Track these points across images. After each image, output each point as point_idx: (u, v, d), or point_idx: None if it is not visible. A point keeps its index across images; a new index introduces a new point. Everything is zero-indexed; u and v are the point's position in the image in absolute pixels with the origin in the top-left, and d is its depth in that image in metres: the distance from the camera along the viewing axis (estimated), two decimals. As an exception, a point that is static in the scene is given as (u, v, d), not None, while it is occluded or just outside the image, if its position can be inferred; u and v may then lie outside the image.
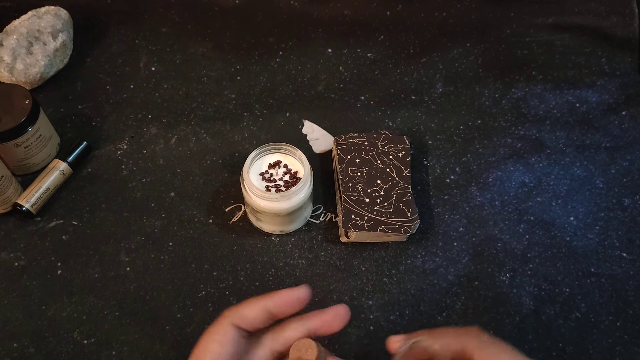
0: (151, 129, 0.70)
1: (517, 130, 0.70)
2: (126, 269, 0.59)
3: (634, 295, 0.57)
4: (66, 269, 0.59)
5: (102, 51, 0.77)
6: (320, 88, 0.74)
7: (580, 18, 0.80)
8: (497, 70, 0.75)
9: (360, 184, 0.61)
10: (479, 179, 0.66)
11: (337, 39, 0.79)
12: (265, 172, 0.59)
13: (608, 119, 0.70)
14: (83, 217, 0.63)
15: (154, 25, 0.80)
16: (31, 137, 0.62)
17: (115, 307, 0.57)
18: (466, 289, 0.58)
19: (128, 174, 0.66)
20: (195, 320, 0.56)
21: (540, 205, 0.63)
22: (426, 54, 0.77)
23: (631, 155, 0.67)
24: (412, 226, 0.58)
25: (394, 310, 0.57)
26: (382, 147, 0.64)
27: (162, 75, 0.75)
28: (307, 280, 0.58)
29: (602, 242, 0.61)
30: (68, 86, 0.74)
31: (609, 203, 0.64)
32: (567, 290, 0.58)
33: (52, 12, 0.75)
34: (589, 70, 0.75)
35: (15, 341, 0.55)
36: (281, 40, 0.79)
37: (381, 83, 0.74)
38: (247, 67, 0.76)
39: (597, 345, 0.54)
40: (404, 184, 0.61)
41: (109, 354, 0.54)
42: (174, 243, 0.61)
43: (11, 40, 0.70)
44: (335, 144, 0.65)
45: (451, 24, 0.80)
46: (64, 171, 0.64)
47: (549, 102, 0.72)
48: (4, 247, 0.60)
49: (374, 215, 0.59)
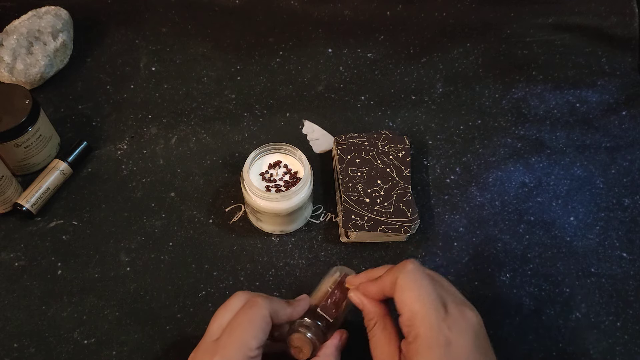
0: (151, 129, 0.70)
1: (517, 130, 0.70)
2: (126, 269, 0.59)
3: (634, 295, 0.57)
4: (66, 269, 0.59)
5: (102, 51, 0.77)
6: (320, 88, 0.74)
7: (580, 18, 0.80)
8: (497, 70, 0.75)
9: (360, 184, 0.61)
10: (479, 179, 0.66)
11: (337, 39, 0.79)
12: (265, 172, 0.59)
13: (608, 119, 0.70)
14: (83, 217, 0.63)
15: (154, 25, 0.80)
16: (31, 137, 0.62)
17: (115, 307, 0.57)
18: (466, 289, 0.58)
19: (128, 174, 0.66)
20: (195, 320, 0.56)
21: (540, 206, 0.63)
22: (426, 54, 0.77)
23: (631, 155, 0.67)
24: (412, 226, 0.58)
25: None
26: (382, 147, 0.64)
27: (162, 75, 0.75)
28: (307, 280, 0.59)
29: (602, 242, 0.61)
30: (68, 86, 0.74)
31: (609, 203, 0.64)
32: (567, 290, 0.58)
33: (52, 12, 0.75)
34: (589, 70, 0.75)
35: (15, 341, 0.55)
36: (281, 40, 0.79)
37: (381, 83, 0.74)
38: (247, 67, 0.76)
39: (597, 345, 0.55)
40: (404, 184, 0.61)
41: (109, 354, 0.54)
42: (174, 243, 0.61)
43: (11, 40, 0.70)
44: (335, 144, 0.65)
45: (451, 24, 0.80)
46: (64, 171, 0.64)
47: (549, 102, 0.72)
48: (4, 247, 0.60)
49: (374, 216, 0.59)
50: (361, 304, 0.47)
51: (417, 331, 0.41)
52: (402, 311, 0.42)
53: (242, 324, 0.44)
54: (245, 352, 0.43)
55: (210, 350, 0.43)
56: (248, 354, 0.43)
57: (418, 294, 0.42)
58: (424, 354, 0.40)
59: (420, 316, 0.41)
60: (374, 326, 0.46)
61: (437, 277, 0.46)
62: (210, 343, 0.44)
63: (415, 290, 0.42)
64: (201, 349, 0.45)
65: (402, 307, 0.42)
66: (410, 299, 0.42)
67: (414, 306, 0.42)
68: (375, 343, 0.45)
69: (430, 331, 0.40)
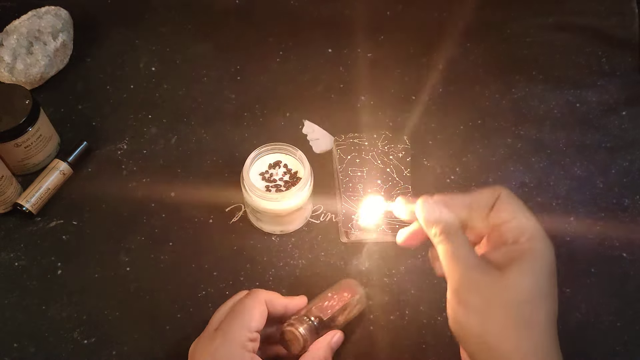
0: (151, 129, 0.70)
1: (517, 130, 0.70)
2: (126, 269, 0.59)
3: (634, 295, 0.57)
4: (66, 269, 0.59)
5: (102, 51, 0.77)
6: (320, 88, 0.74)
7: (580, 18, 0.80)
8: (497, 70, 0.75)
9: (360, 184, 0.61)
10: (479, 179, 0.66)
11: (337, 39, 0.78)
12: (265, 172, 0.59)
13: (608, 119, 0.70)
14: (83, 217, 0.63)
15: (154, 25, 0.80)
16: (31, 137, 0.62)
17: (115, 307, 0.57)
18: (466, 289, 0.58)
19: (128, 174, 0.66)
20: (195, 320, 0.56)
21: (540, 206, 0.63)
22: (426, 54, 0.77)
23: (631, 155, 0.67)
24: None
25: (394, 310, 0.57)
26: (382, 147, 0.64)
27: (162, 75, 0.75)
28: (307, 280, 0.59)
29: (602, 242, 0.61)
30: (68, 86, 0.74)
31: (609, 203, 0.64)
32: (567, 290, 0.58)
33: (52, 12, 0.75)
34: (589, 70, 0.75)
35: (15, 341, 0.55)
36: (281, 40, 0.78)
37: (381, 83, 0.74)
38: (247, 67, 0.76)
39: (597, 345, 0.54)
40: (404, 184, 0.61)
41: (109, 354, 0.54)
42: (174, 243, 0.61)
43: (11, 40, 0.70)
44: (335, 144, 0.65)
45: (451, 24, 0.80)
46: (64, 171, 0.64)
47: (549, 102, 0.72)
48: (4, 247, 0.60)
49: (374, 215, 0.59)
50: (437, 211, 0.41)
51: (532, 244, 0.39)
52: (509, 222, 0.40)
53: (241, 310, 0.47)
54: (244, 333, 0.45)
55: (211, 336, 0.46)
56: (248, 335, 0.45)
57: (528, 212, 0.40)
58: (535, 265, 0.38)
59: (537, 231, 0.39)
60: (448, 233, 0.40)
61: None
62: (211, 332, 0.47)
63: (524, 207, 0.40)
64: (202, 338, 0.47)
65: (510, 217, 0.40)
66: (522, 211, 0.40)
67: (529, 220, 0.40)
68: (456, 247, 0.40)
69: (546, 247, 0.39)
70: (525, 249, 0.39)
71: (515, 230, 0.39)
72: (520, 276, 0.38)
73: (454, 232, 0.40)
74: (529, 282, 0.38)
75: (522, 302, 0.38)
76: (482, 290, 0.38)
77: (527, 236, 0.39)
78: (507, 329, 0.37)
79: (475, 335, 0.38)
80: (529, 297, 0.38)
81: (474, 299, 0.38)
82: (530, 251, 0.39)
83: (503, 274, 0.38)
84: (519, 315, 0.37)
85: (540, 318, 0.38)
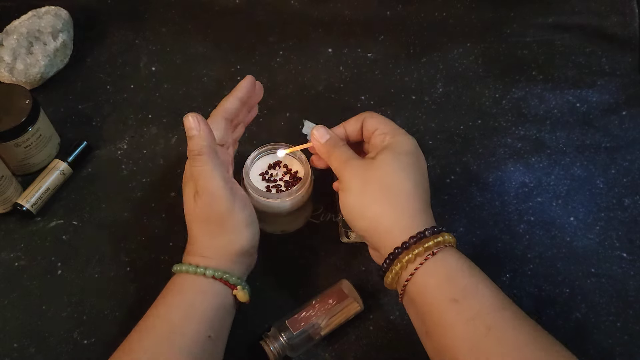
0: (151, 129, 0.70)
1: (517, 130, 0.70)
2: (126, 269, 0.59)
3: (634, 295, 0.57)
4: (66, 269, 0.59)
5: (102, 51, 0.77)
6: (320, 88, 0.74)
7: (580, 18, 0.80)
8: (497, 70, 0.75)
9: (360, 184, 0.61)
10: (479, 179, 0.66)
11: (337, 39, 0.78)
12: (265, 172, 0.59)
13: (608, 119, 0.70)
14: (83, 217, 0.63)
15: (154, 25, 0.80)
16: (31, 137, 0.62)
17: (115, 307, 0.57)
18: (466, 289, 0.58)
19: (128, 174, 0.66)
20: (195, 320, 0.56)
21: (540, 206, 0.63)
22: (426, 54, 0.77)
23: (631, 155, 0.67)
24: (412, 226, 0.58)
25: (393, 310, 0.57)
26: (382, 147, 0.64)
27: (162, 75, 0.75)
28: (307, 280, 0.59)
29: (602, 242, 0.61)
30: (68, 86, 0.74)
31: (609, 203, 0.64)
32: (567, 291, 0.58)
33: (52, 12, 0.75)
34: (589, 70, 0.75)
35: (15, 341, 0.55)
36: (281, 40, 0.79)
37: (381, 83, 0.74)
38: (247, 67, 0.76)
39: (597, 345, 0.55)
40: (404, 184, 0.61)
41: (109, 354, 0.54)
42: (174, 243, 0.61)
43: (11, 40, 0.70)
44: (335, 144, 0.65)
45: (451, 24, 0.80)
46: (64, 171, 0.64)
47: (549, 102, 0.72)
48: (4, 247, 0.60)
49: (374, 215, 0.59)
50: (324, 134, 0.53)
51: (393, 137, 0.51)
52: (376, 131, 0.52)
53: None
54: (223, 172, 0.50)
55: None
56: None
57: (388, 120, 0.53)
58: (397, 147, 0.50)
59: (396, 129, 0.52)
60: (334, 145, 0.52)
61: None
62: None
63: (385, 118, 0.53)
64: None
65: (374, 127, 0.52)
66: (384, 121, 0.53)
67: (389, 124, 0.52)
68: (341, 153, 0.52)
69: (405, 136, 0.51)
70: (389, 141, 0.50)
71: (381, 134, 0.51)
72: (385, 156, 0.49)
73: (337, 143, 0.52)
74: (392, 159, 0.48)
75: (388, 175, 0.48)
76: (359, 175, 0.49)
77: (390, 134, 0.51)
78: (379, 199, 0.47)
79: (358, 213, 0.48)
80: (392, 170, 0.48)
81: (354, 182, 0.48)
82: (392, 141, 0.50)
83: (374, 159, 0.49)
84: (386, 185, 0.47)
85: (406, 187, 0.47)
